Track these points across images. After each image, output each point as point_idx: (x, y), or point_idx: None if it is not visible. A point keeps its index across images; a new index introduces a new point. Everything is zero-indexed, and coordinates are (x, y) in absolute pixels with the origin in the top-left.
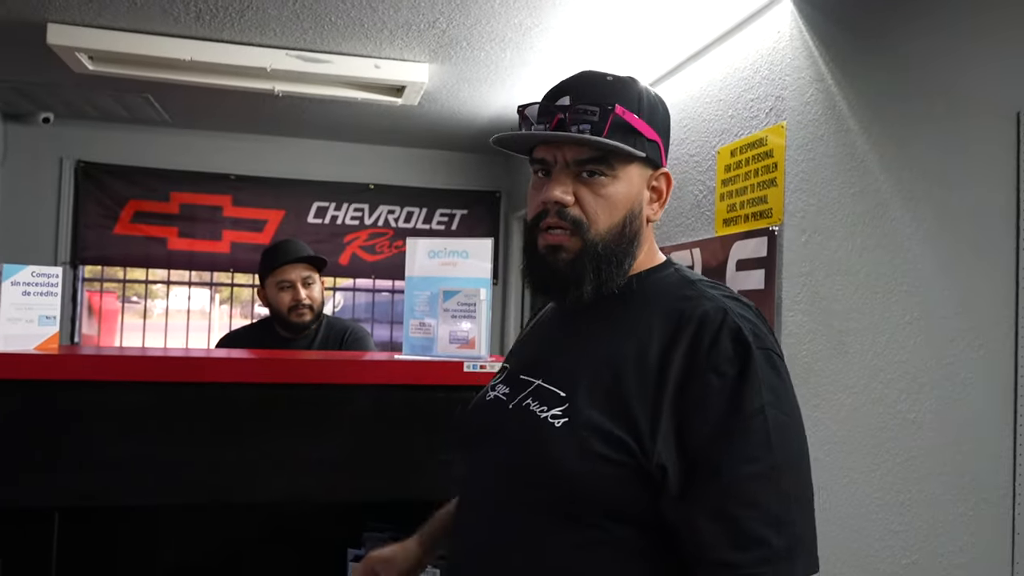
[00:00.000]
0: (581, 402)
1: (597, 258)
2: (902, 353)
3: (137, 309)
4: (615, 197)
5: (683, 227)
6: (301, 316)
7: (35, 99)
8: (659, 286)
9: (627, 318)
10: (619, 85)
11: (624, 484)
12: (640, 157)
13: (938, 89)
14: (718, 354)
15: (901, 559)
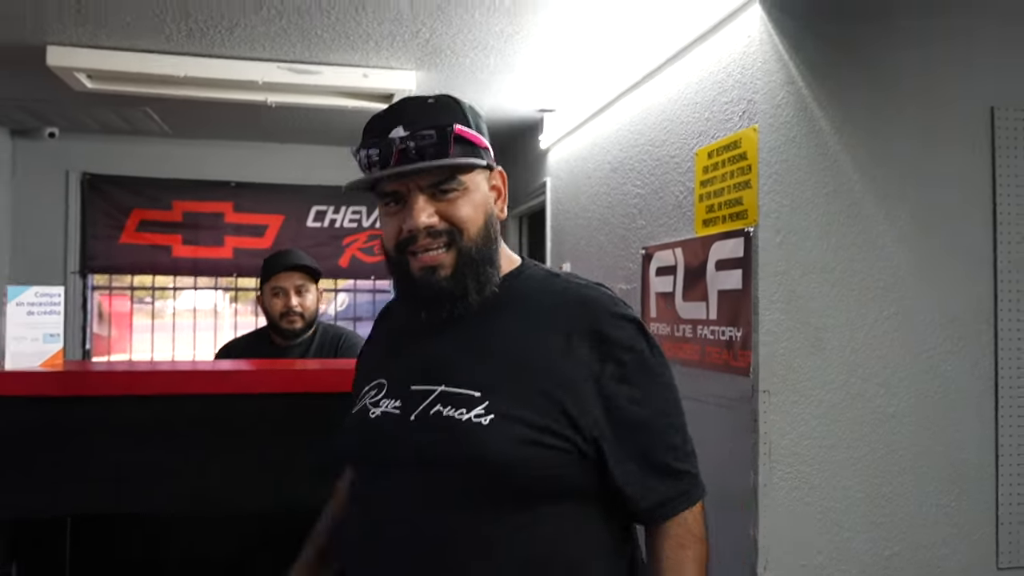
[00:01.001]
0: (500, 400)
1: (474, 264)
2: (879, 349)
3: (147, 310)
4: (472, 205)
5: (665, 227)
6: (292, 323)
7: (40, 115)
8: (530, 284)
9: (520, 315)
10: (444, 105)
11: (563, 465)
12: (482, 165)
13: (910, 87)
14: (623, 334)
15: (883, 551)
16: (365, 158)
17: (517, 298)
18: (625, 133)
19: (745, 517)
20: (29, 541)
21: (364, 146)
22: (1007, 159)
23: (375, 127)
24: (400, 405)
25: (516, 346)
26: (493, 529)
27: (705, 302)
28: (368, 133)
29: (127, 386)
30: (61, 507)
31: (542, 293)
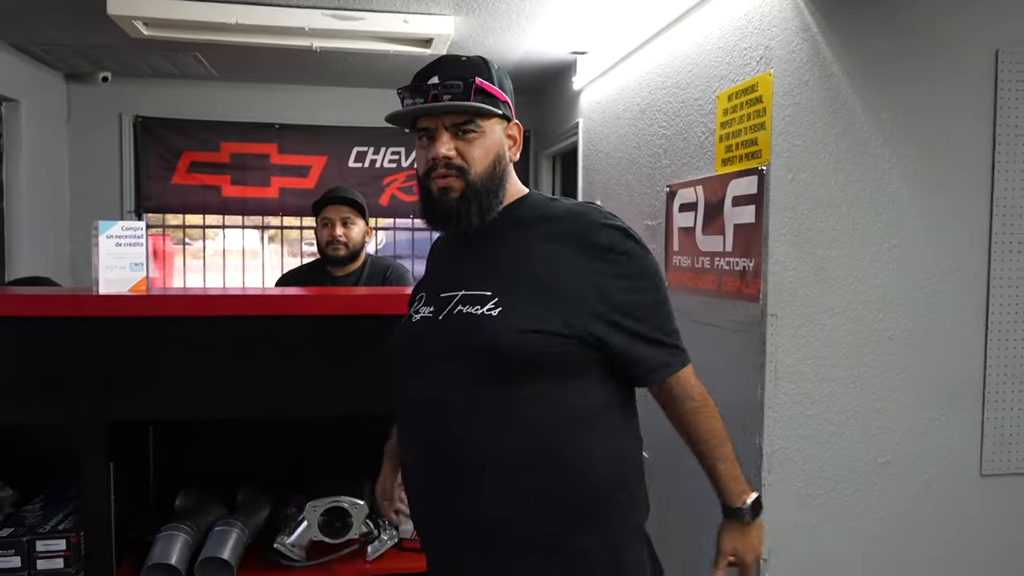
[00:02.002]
0: (507, 297)
1: (478, 193)
2: (880, 277)
3: (194, 251)
4: (485, 146)
5: (688, 166)
6: (336, 251)
7: (94, 60)
8: (533, 206)
9: (519, 232)
10: (473, 63)
11: (561, 346)
12: (498, 114)
13: (918, 32)
14: (613, 239)
15: (877, 458)
16: (409, 98)
17: (524, 218)
18: (652, 76)
19: (752, 428)
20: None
21: (407, 88)
22: (1008, 100)
23: (418, 75)
24: (433, 309)
25: (522, 254)
26: (505, 400)
27: (722, 236)
28: (413, 80)
29: (204, 308)
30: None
31: (543, 212)
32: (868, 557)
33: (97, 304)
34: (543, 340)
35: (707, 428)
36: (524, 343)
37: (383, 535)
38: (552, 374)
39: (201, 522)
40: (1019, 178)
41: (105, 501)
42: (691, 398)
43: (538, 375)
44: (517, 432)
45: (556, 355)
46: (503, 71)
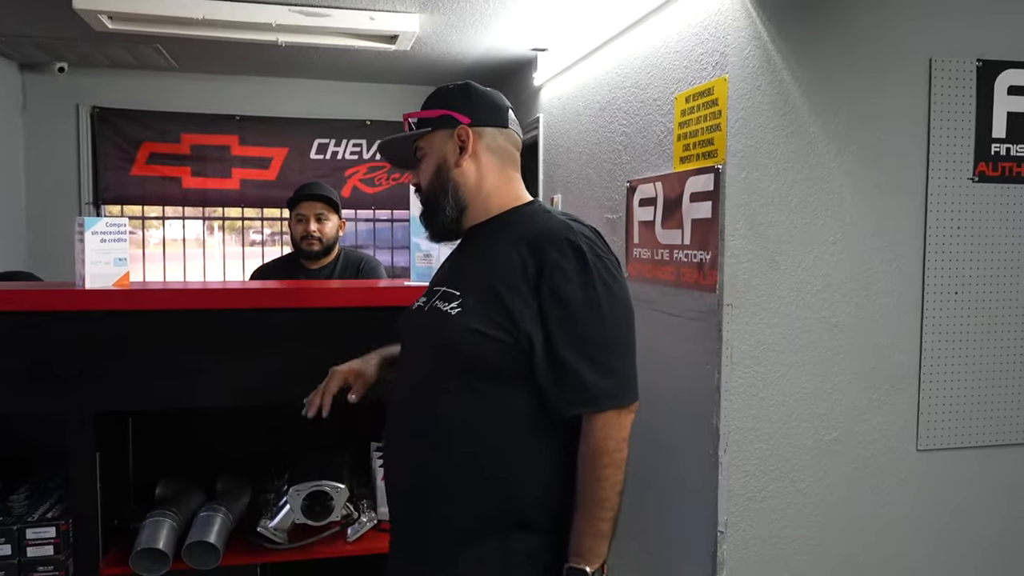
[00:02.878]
0: (468, 297)
1: (428, 207)
2: (826, 268)
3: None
4: (427, 163)
5: (647, 163)
6: (311, 245)
7: (51, 51)
8: (521, 217)
9: (499, 241)
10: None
11: (501, 354)
12: (424, 131)
13: (860, 41)
14: (562, 258)
15: (824, 436)
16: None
17: (510, 225)
18: (613, 75)
19: (709, 409)
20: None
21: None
22: (941, 105)
23: None
24: (425, 300)
25: (492, 259)
26: (445, 394)
27: (681, 229)
28: None
29: (190, 302)
30: (135, 403)
31: (527, 223)
32: (817, 528)
33: (86, 298)
34: (484, 341)
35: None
36: (467, 341)
37: (363, 517)
38: (488, 376)
39: (184, 509)
40: (951, 178)
41: (92, 490)
42: (602, 452)
43: (475, 374)
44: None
45: (493, 358)
46: (462, 88)
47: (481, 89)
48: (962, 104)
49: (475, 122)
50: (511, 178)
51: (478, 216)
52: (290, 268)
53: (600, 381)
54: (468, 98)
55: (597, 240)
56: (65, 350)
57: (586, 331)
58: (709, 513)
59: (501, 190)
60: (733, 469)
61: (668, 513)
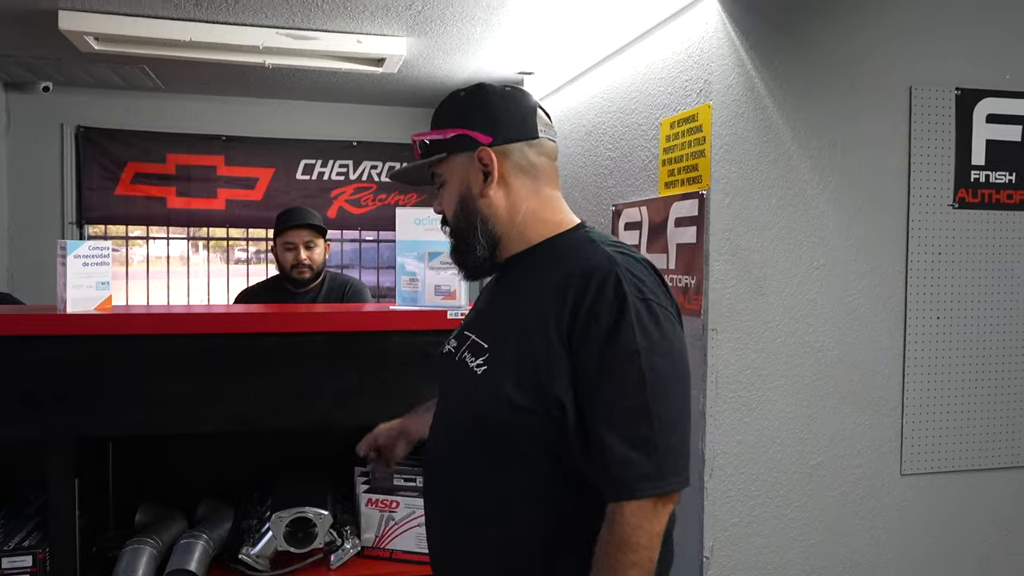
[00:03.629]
0: (497, 352)
1: (456, 239)
2: (810, 293)
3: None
4: (450, 191)
5: (633, 187)
6: (301, 273)
7: (36, 70)
8: (562, 250)
9: (534, 281)
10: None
11: (530, 422)
12: (439, 157)
13: (842, 70)
14: (599, 303)
15: (809, 461)
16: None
17: (549, 260)
18: (599, 101)
19: (696, 435)
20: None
21: None
22: (921, 132)
23: None
24: (455, 345)
25: (525, 301)
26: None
27: (666, 254)
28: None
29: (173, 326)
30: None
31: (567, 258)
32: (802, 553)
33: (67, 322)
34: (512, 411)
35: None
36: (493, 410)
37: (346, 544)
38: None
39: (164, 535)
40: (932, 204)
41: (70, 517)
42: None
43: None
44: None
45: (522, 430)
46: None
47: (498, 93)
48: (942, 132)
49: (497, 140)
50: (549, 199)
51: (514, 247)
52: (275, 291)
53: (635, 459)
54: (485, 110)
55: (648, 279)
56: (45, 375)
57: (621, 395)
58: (694, 539)
59: (539, 215)
60: (718, 494)
61: None
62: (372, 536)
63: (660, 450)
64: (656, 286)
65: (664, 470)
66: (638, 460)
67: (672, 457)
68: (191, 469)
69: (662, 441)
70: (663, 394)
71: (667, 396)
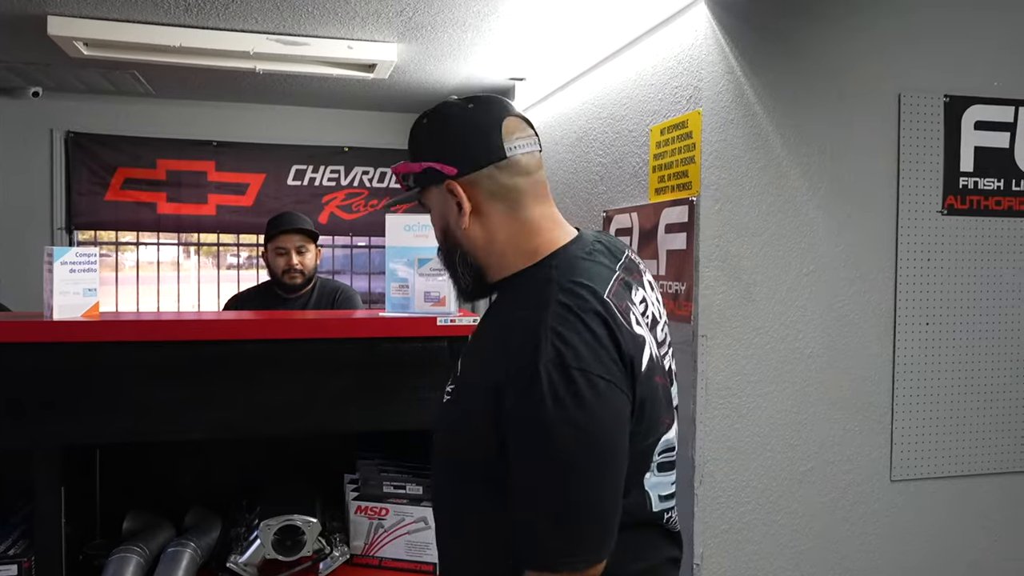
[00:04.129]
0: (462, 385)
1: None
2: (799, 300)
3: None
4: (434, 223)
5: (623, 194)
6: (293, 279)
7: (25, 76)
8: (524, 285)
9: (502, 314)
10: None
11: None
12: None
13: (831, 77)
14: (519, 364)
15: (799, 467)
16: None
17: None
18: (589, 107)
19: (685, 441)
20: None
21: None
22: (909, 139)
23: None
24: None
25: (490, 338)
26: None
27: (656, 260)
28: None
29: (161, 333)
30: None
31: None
32: (792, 559)
33: (54, 329)
34: (459, 443)
35: None
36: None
37: (335, 551)
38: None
39: (152, 544)
40: (921, 210)
41: (56, 525)
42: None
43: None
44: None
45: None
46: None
47: (459, 116)
48: (930, 138)
49: (464, 169)
50: (527, 222)
51: (501, 272)
52: (265, 297)
53: (543, 533)
54: (446, 138)
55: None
56: (31, 382)
57: (526, 464)
58: (685, 546)
59: (516, 244)
60: (709, 501)
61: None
62: (361, 544)
63: (566, 526)
64: (591, 351)
65: (573, 547)
66: (544, 536)
67: (581, 532)
68: (179, 477)
69: (572, 518)
70: (572, 463)
71: (574, 470)
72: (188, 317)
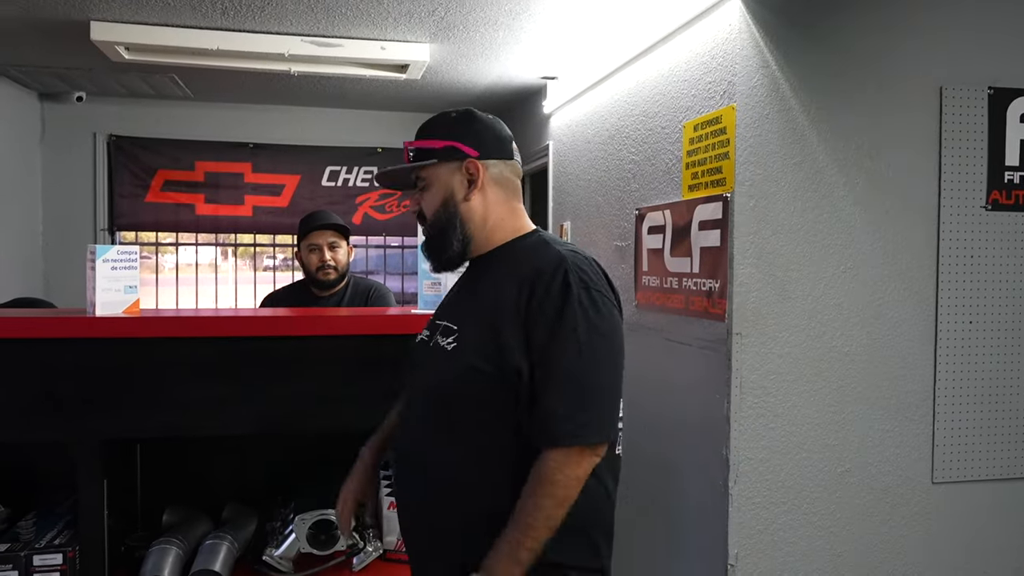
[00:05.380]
0: (465, 332)
1: (434, 235)
2: (837, 297)
3: (148, 264)
4: (432, 191)
5: (656, 191)
6: (327, 275)
7: (70, 81)
8: (521, 250)
9: (497, 274)
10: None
11: (492, 390)
12: (429, 163)
13: (869, 70)
14: (550, 292)
15: (836, 468)
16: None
17: (510, 258)
18: (622, 103)
19: (719, 439)
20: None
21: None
22: (952, 133)
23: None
24: (428, 334)
25: (489, 291)
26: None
27: (689, 258)
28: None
29: (200, 329)
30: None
31: (523, 255)
32: (829, 561)
33: (96, 326)
34: (476, 377)
35: (530, 519)
36: (460, 379)
37: (368, 547)
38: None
39: (190, 536)
40: (963, 206)
41: (99, 517)
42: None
43: (467, 410)
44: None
45: (487, 399)
46: (465, 116)
47: (485, 119)
48: (974, 132)
49: (482, 155)
50: (515, 209)
51: (481, 248)
52: (300, 296)
53: (566, 414)
54: (474, 129)
55: (591, 272)
56: (74, 377)
57: (561, 364)
58: (719, 545)
59: (505, 222)
60: (743, 500)
61: (677, 545)
62: (394, 539)
63: (588, 410)
64: (599, 278)
65: (589, 427)
66: (567, 416)
67: (597, 416)
68: (217, 471)
69: (589, 402)
70: (596, 365)
71: (599, 367)
72: (225, 314)
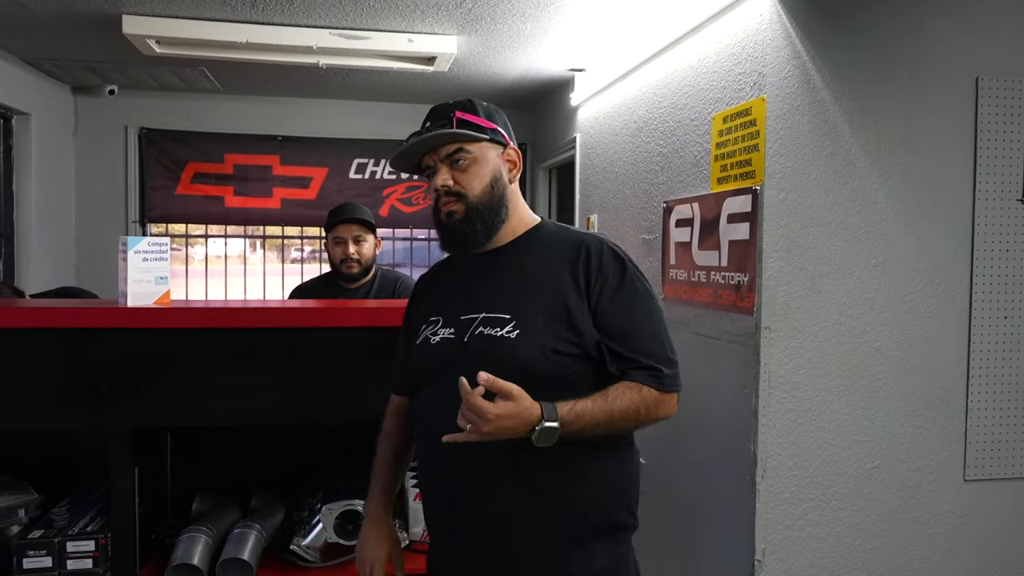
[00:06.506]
0: (524, 318)
1: (479, 212)
2: (867, 291)
3: (179, 256)
4: (479, 170)
5: (684, 184)
6: (350, 268)
7: (102, 74)
8: (546, 234)
9: (536, 257)
10: (459, 103)
11: (573, 365)
12: (484, 138)
13: (902, 61)
14: (605, 265)
15: (866, 464)
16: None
17: (536, 244)
18: (650, 95)
19: (746, 434)
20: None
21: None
22: (989, 124)
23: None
24: (454, 331)
25: (535, 277)
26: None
27: (718, 251)
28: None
29: (229, 320)
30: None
31: (554, 239)
32: (858, 558)
33: (127, 316)
34: (560, 360)
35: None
36: (543, 362)
37: None
38: (565, 393)
39: (219, 525)
40: (999, 200)
41: (131, 504)
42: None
43: (551, 393)
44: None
45: (569, 375)
46: (493, 107)
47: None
48: (1011, 124)
49: (512, 146)
50: (524, 203)
51: (505, 236)
52: (327, 288)
53: (669, 359)
54: (503, 120)
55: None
56: (106, 367)
57: (645, 323)
58: (746, 541)
59: (521, 211)
60: (771, 496)
61: (704, 540)
62: (420, 530)
63: (672, 350)
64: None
65: (679, 379)
66: (669, 357)
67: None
68: (246, 460)
69: (671, 344)
70: (663, 323)
71: (664, 325)
72: (254, 305)
